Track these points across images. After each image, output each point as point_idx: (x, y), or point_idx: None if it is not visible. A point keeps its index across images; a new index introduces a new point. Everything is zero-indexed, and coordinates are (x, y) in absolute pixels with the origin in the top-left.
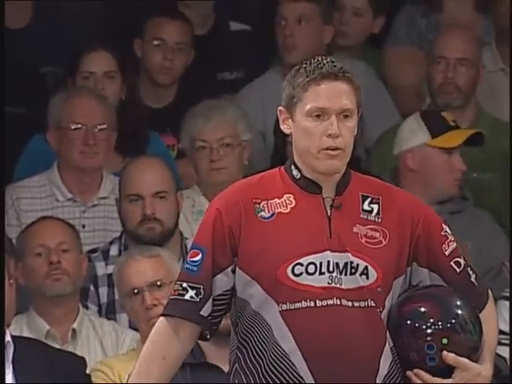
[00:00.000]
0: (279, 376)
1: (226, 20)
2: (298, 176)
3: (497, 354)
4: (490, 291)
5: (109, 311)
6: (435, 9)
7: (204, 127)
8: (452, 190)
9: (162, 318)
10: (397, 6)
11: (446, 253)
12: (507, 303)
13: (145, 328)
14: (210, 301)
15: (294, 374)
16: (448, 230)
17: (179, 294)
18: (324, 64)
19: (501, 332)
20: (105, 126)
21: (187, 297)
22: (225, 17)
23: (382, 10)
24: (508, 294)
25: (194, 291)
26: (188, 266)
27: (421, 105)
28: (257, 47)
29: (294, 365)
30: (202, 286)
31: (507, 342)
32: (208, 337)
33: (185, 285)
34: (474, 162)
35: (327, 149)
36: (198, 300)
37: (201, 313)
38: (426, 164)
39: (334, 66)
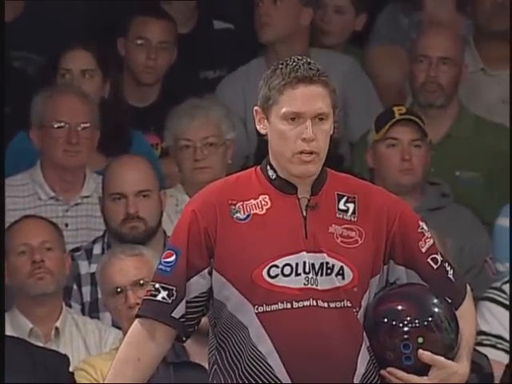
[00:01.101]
0: (256, 378)
1: (209, 18)
2: (274, 176)
3: (478, 352)
4: (468, 287)
5: (92, 310)
6: (417, 7)
7: (188, 126)
8: (404, 181)
9: (137, 320)
10: (379, 4)
11: (423, 250)
12: (488, 304)
13: (128, 327)
14: (183, 303)
15: (271, 375)
16: (425, 226)
17: (151, 295)
18: (300, 66)
19: (482, 333)
20: (88, 125)
21: (159, 298)
22: (208, 15)
23: (363, 8)
24: (490, 295)
25: (166, 292)
26: (161, 266)
27: (403, 104)
28: (240, 46)
29: (270, 366)
30: (174, 288)
31: (489, 342)
32: (184, 339)
33: (157, 285)
34: (457, 161)
35: (301, 153)
36: (169, 301)
37: (172, 314)
38: (377, 159)
39: (310, 69)
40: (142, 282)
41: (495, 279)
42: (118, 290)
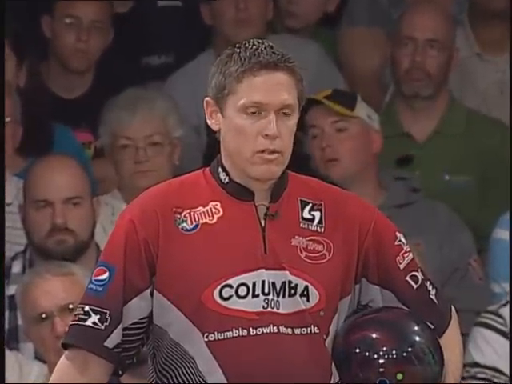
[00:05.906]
0: None
1: None
2: (226, 180)
3: None
4: (453, 309)
5: (11, 339)
6: None
7: (128, 122)
8: (331, 173)
9: (67, 351)
10: None
11: (401, 266)
12: (483, 330)
13: (54, 359)
14: (119, 330)
15: None
16: (403, 238)
17: (80, 319)
18: (262, 50)
19: (476, 364)
20: (9, 119)
21: (89, 323)
22: None
23: None
24: (486, 320)
25: (98, 316)
26: (92, 285)
27: (383, 94)
28: (188, 27)
29: None
30: (108, 311)
31: (484, 376)
32: (120, 373)
33: (87, 308)
34: (446, 162)
35: (263, 151)
36: (102, 328)
37: (105, 344)
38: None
39: (274, 54)
40: (71, 306)
41: (481, 284)
42: (43, 316)
